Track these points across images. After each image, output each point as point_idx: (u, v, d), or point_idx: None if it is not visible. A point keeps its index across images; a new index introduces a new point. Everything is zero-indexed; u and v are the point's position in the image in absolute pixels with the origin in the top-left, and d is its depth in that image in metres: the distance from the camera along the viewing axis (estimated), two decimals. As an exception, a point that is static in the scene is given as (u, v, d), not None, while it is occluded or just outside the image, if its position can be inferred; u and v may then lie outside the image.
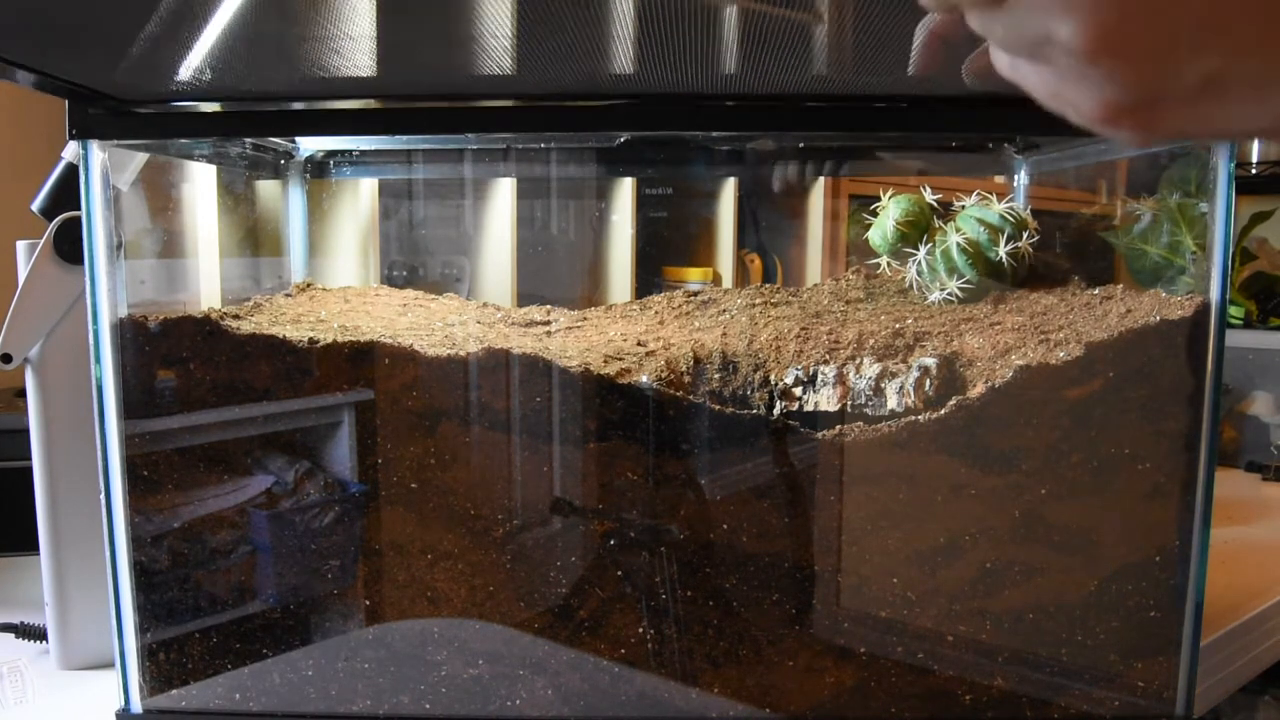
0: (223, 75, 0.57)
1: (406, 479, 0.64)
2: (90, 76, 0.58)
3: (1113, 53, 0.26)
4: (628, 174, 1.14)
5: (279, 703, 0.64)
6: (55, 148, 0.78)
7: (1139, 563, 0.64)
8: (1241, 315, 1.56)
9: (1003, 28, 0.28)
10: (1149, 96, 0.26)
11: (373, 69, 0.58)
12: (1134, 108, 0.27)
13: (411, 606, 0.65)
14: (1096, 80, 0.27)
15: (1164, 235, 0.82)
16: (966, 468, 0.63)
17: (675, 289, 0.85)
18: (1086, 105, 0.28)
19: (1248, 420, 1.44)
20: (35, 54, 0.54)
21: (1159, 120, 0.27)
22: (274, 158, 0.87)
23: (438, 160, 0.89)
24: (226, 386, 0.65)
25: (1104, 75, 0.26)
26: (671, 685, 0.63)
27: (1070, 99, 0.28)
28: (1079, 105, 0.28)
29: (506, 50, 0.54)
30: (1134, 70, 0.26)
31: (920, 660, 0.64)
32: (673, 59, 0.53)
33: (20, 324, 0.72)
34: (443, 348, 0.66)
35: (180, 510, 0.65)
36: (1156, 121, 0.27)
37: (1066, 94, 0.28)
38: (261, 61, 0.57)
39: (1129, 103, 0.27)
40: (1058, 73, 0.28)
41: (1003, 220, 0.75)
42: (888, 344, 0.68)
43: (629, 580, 0.64)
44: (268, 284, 0.91)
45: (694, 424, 0.66)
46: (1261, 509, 1.24)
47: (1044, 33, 0.27)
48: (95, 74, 0.58)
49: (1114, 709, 0.64)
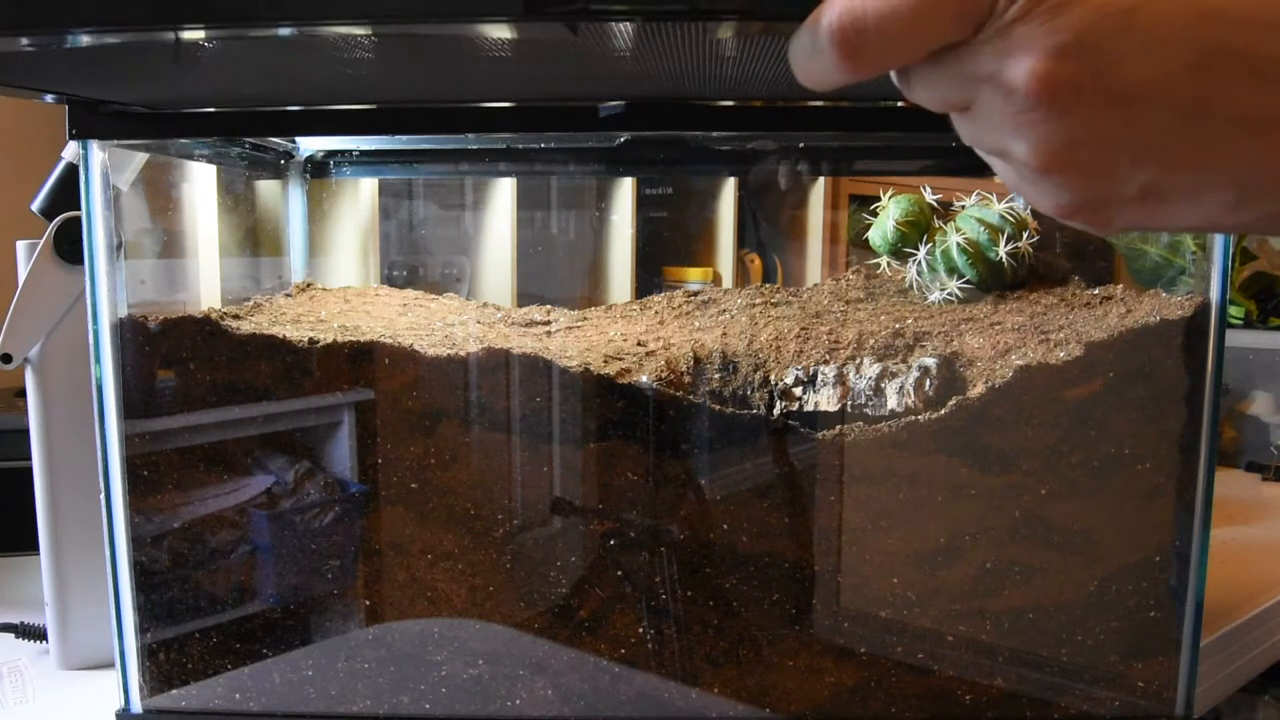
0: (225, 90, 0.57)
1: (406, 479, 0.64)
2: (99, 93, 0.58)
3: (1060, 170, 0.30)
4: (628, 174, 1.14)
5: (279, 703, 0.64)
6: (55, 148, 0.78)
7: (1139, 563, 0.64)
8: (1241, 315, 1.56)
9: (970, 132, 0.32)
10: (1095, 201, 0.30)
11: (374, 87, 0.58)
12: (1085, 209, 0.31)
13: (411, 606, 0.65)
14: (1050, 187, 0.31)
15: (1164, 235, 0.82)
16: (966, 468, 0.64)
17: (675, 289, 0.85)
18: (1046, 205, 0.32)
19: (1248, 420, 1.44)
20: (47, 81, 0.54)
21: (1108, 219, 0.31)
22: (274, 158, 0.87)
23: (438, 160, 0.89)
24: (226, 386, 0.65)
25: (1056, 185, 0.30)
26: (671, 685, 0.63)
27: (1032, 197, 0.32)
28: (1039, 203, 0.32)
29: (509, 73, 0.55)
30: (1080, 182, 0.30)
31: (920, 660, 0.64)
32: (673, 66, 0.53)
33: (20, 324, 0.72)
34: (443, 348, 0.66)
35: (180, 510, 0.65)
36: (1106, 220, 0.31)
37: (1028, 193, 0.32)
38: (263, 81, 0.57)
39: (1079, 205, 0.31)
40: (1019, 177, 0.32)
41: (1003, 220, 0.75)
42: (888, 344, 0.68)
43: (629, 580, 0.64)
44: (268, 284, 0.91)
45: (694, 424, 0.66)
46: (1261, 509, 1.24)
47: (1003, 146, 0.31)
48: (104, 92, 0.58)
49: (1114, 709, 0.64)
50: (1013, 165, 0.32)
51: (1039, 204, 0.32)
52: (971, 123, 0.32)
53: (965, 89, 0.31)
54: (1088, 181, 0.30)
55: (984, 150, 0.33)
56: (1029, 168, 0.31)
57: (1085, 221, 0.32)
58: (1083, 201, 0.31)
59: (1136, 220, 0.31)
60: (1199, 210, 0.30)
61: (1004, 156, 0.32)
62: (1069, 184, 0.30)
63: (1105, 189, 0.30)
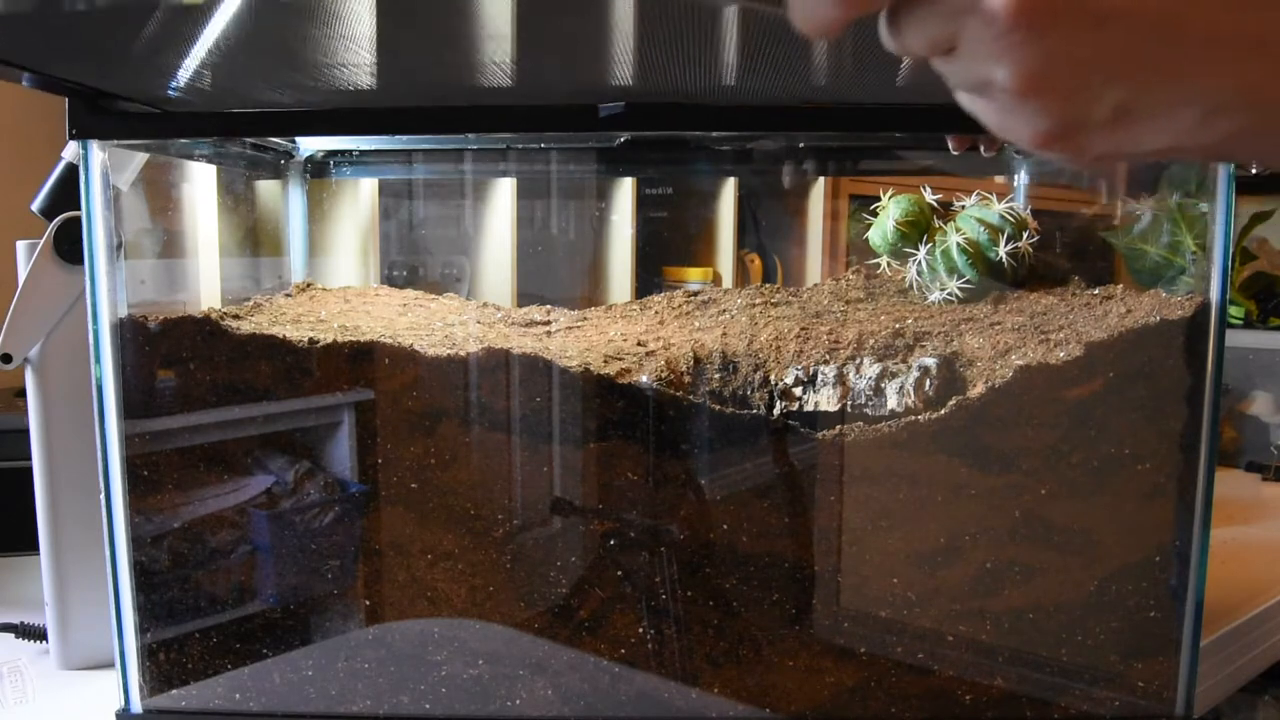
0: (224, 85, 0.57)
1: (406, 479, 0.64)
2: (95, 80, 0.58)
3: (1039, 92, 0.32)
4: (628, 174, 1.14)
5: (279, 703, 0.64)
6: (55, 148, 0.78)
7: (1139, 563, 0.64)
8: (1241, 315, 1.55)
9: (954, 72, 0.34)
10: (1073, 124, 0.32)
11: (373, 81, 0.58)
12: (1062, 134, 0.33)
13: (411, 606, 0.65)
14: (1029, 113, 0.33)
15: (1164, 235, 0.82)
16: (967, 468, 0.64)
17: (675, 289, 0.85)
18: (1025, 133, 0.34)
19: (1248, 420, 1.44)
20: (42, 60, 0.54)
21: (1085, 144, 0.33)
22: (274, 158, 0.87)
23: (438, 160, 0.89)
24: (226, 386, 0.65)
25: (1035, 109, 0.32)
26: (671, 685, 0.63)
27: (1012, 128, 0.34)
28: (1019, 133, 0.34)
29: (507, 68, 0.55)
30: (1058, 104, 0.32)
31: (920, 660, 0.64)
32: (673, 69, 0.53)
33: (20, 324, 0.72)
34: (443, 348, 0.66)
35: (180, 510, 0.65)
36: (1083, 145, 0.33)
37: (1008, 125, 0.34)
38: (263, 75, 0.57)
39: (1058, 130, 0.33)
40: (1001, 108, 0.34)
41: (1003, 220, 0.75)
42: (888, 344, 0.68)
43: (629, 580, 0.64)
44: (268, 284, 0.91)
45: (694, 424, 0.66)
46: (1261, 509, 1.24)
47: (986, 77, 0.33)
48: (99, 79, 0.58)
49: (1114, 709, 0.64)
50: (995, 98, 0.34)
51: (1019, 134, 0.34)
52: (956, 62, 0.34)
53: (947, 21, 0.33)
54: (1064, 103, 0.32)
55: (968, 89, 0.35)
56: (1010, 93, 0.32)
57: (1063, 149, 0.34)
58: (1060, 124, 0.33)
59: (1110, 145, 0.33)
60: (1169, 128, 0.32)
61: (986, 91, 0.34)
62: (1047, 106, 0.32)
63: (1081, 110, 0.32)
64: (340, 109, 0.64)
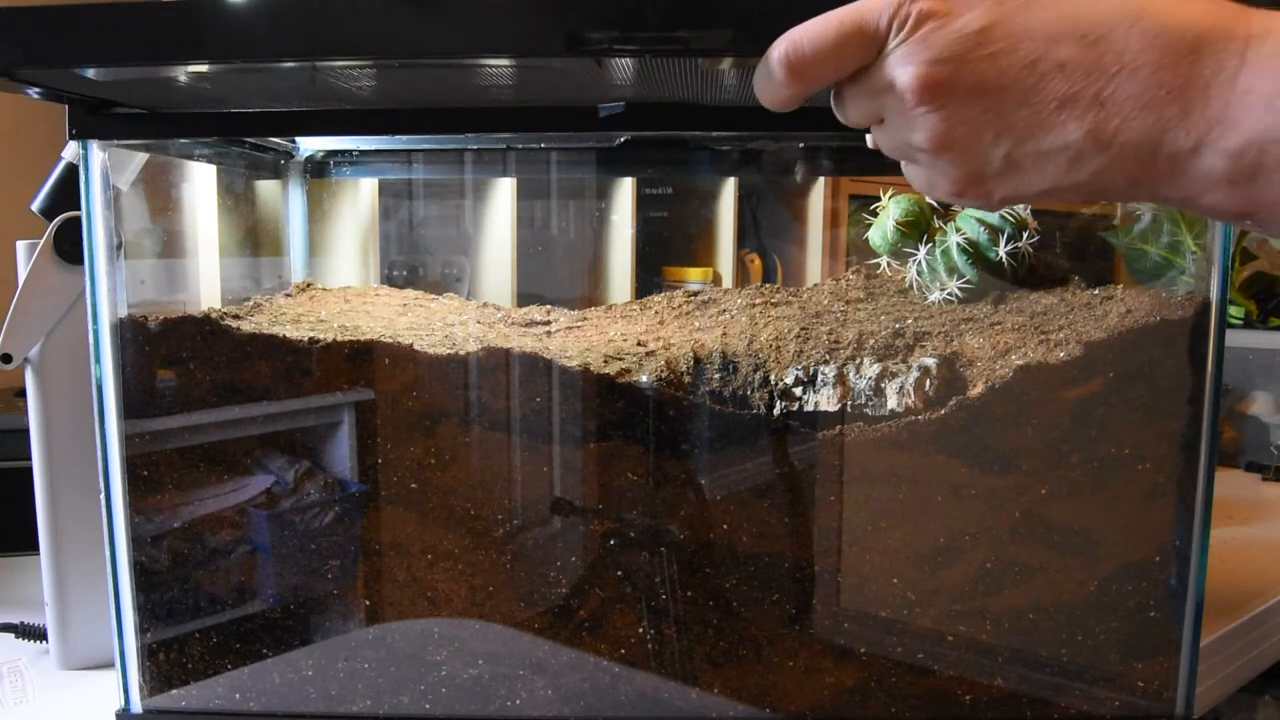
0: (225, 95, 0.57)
1: (406, 479, 0.64)
2: (98, 92, 0.58)
3: (944, 149, 0.41)
4: (628, 174, 1.14)
5: (279, 703, 0.64)
6: (55, 148, 0.78)
7: (1139, 563, 0.64)
8: (1241, 315, 1.55)
9: (885, 139, 0.44)
10: (976, 175, 0.41)
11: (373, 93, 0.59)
12: (969, 183, 0.42)
13: (411, 606, 0.65)
14: (942, 168, 0.42)
15: (1164, 235, 0.82)
16: (967, 468, 0.64)
17: (675, 289, 0.85)
18: (942, 185, 0.43)
19: (1248, 420, 1.44)
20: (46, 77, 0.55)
21: (989, 191, 0.42)
22: (274, 158, 0.86)
23: (438, 160, 0.89)
24: (226, 386, 0.65)
25: (945, 164, 0.42)
26: (671, 685, 0.63)
27: (932, 182, 0.43)
28: (938, 185, 0.43)
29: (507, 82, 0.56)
30: (961, 159, 0.41)
31: (920, 660, 0.64)
32: (673, 69, 0.53)
33: (20, 324, 0.72)
34: (443, 348, 0.66)
35: (180, 510, 0.65)
36: (987, 192, 0.42)
37: (929, 179, 0.43)
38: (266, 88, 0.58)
39: (965, 180, 0.42)
40: (921, 166, 0.43)
41: (1003, 220, 0.75)
42: (888, 344, 0.68)
43: (629, 580, 0.64)
44: (268, 284, 0.91)
45: (694, 424, 0.66)
46: (1261, 509, 1.24)
47: (907, 140, 0.42)
48: (103, 92, 0.58)
49: (1114, 709, 0.64)
50: (916, 158, 0.43)
51: (937, 187, 0.43)
52: (884, 131, 0.43)
53: (875, 100, 0.42)
54: (965, 158, 0.41)
55: (895, 153, 0.44)
56: (925, 153, 0.42)
57: (973, 195, 0.42)
58: (966, 175, 0.42)
59: (1008, 190, 0.42)
60: (1047, 172, 0.40)
61: (908, 153, 0.43)
62: (955, 160, 0.41)
63: (979, 163, 0.41)
64: (340, 109, 0.64)
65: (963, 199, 0.43)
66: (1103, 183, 0.40)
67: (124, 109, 0.61)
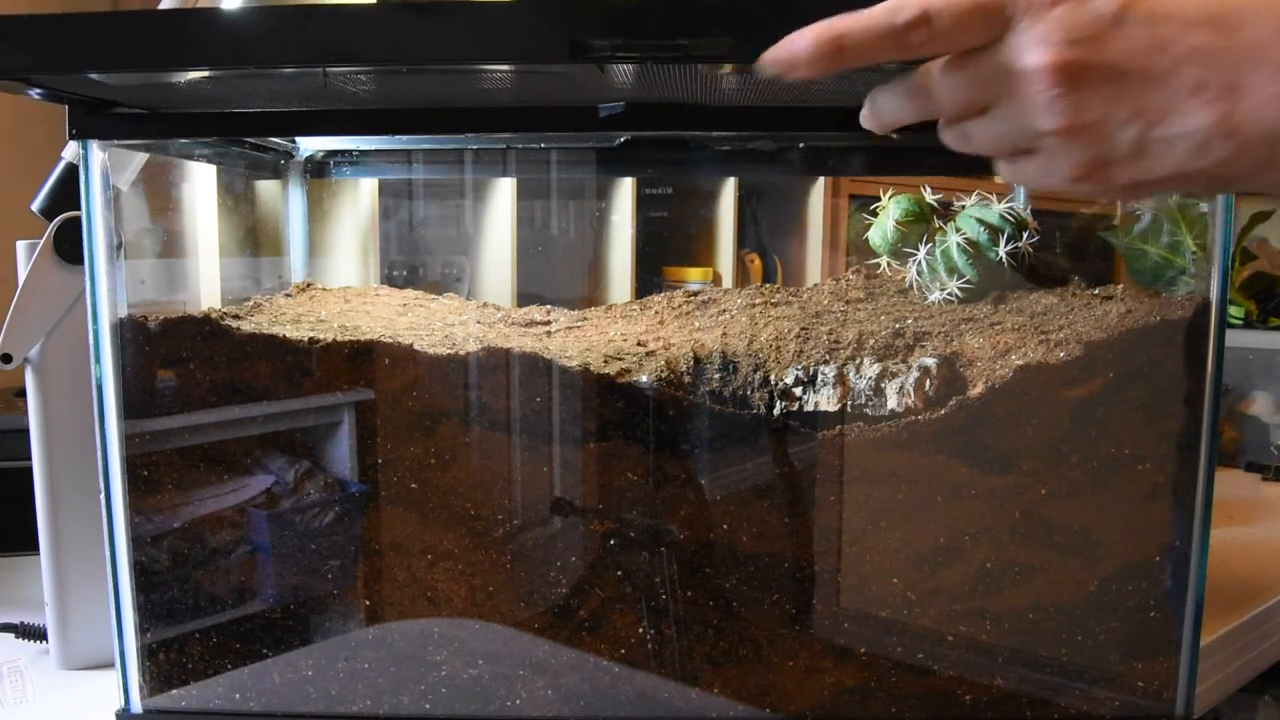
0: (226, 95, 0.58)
1: (406, 479, 0.64)
2: (100, 93, 0.58)
3: (1077, 133, 0.40)
4: (628, 174, 1.14)
5: (279, 703, 0.64)
6: (55, 148, 0.78)
7: (1139, 563, 0.64)
8: (1241, 315, 1.55)
9: (987, 128, 0.43)
10: (1103, 159, 0.41)
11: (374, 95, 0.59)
12: (1095, 167, 0.41)
13: (411, 606, 0.65)
14: (1071, 152, 0.41)
15: (1164, 235, 0.82)
16: (967, 468, 0.64)
17: (675, 289, 0.85)
18: (1063, 171, 0.42)
19: (1248, 420, 1.44)
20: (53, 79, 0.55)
21: (1110, 176, 0.42)
22: (274, 158, 0.87)
23: (438, 160, 0.89)
24: (226, 386, 0.65)
25: (1075, 148, 0.41)
26: (671, 685, 0.63)
27: (1051, 170, 0.42)
28: (1057, 173, 0.42)
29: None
30: (1092, 142, 0.41)
31: (920, 660, 0.64)
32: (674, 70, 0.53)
33: (20, 324, 0.72)
34: (443, 348, 0.66)
35: (180, 510, 0.65)
36: (1109, 177, 0.42)
37: (1049, 167, 0.42)
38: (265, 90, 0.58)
39: (1092, 164, 0.41)
40: (1041, 154, 0.42)
41: (1003, 220, 0.75)
42: (888, 344, 0.68)
43: (629, 580, 0.64)
44: (268, 284, 0.91)
45: (694, 424, 0.66)
46: (1261, 509, 1.24)
47: (1030, 129, 0.41)
48: (105, 93, 0.58)
49: (1114, 709, 0.64)
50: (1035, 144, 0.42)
51: (1055, 174, 0.42)
52: (988, 120, 0.43)
53: (985, 86, 0.42)
54: (1094, 141, 0.40)
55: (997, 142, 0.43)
56: (1053, 136, 0.41)
57: (1094, 182, 0.42)
58: (1092, 160, 0.41)
59: (1131, 176, 0.41)
60: (1172, 159, 0.40)
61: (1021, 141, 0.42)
62: (1084, 144, 0.41)
63: (1108, 147, 0.41)
64: (340, 109, 0.64)
65: (1081, 186, 0.42)
66: (1227, 170, 0.40)
67: (124, 109, 0.61)
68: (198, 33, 0.50)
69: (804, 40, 0.42)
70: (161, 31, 0.51)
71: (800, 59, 0.42)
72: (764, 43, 0.43)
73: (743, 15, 0.46)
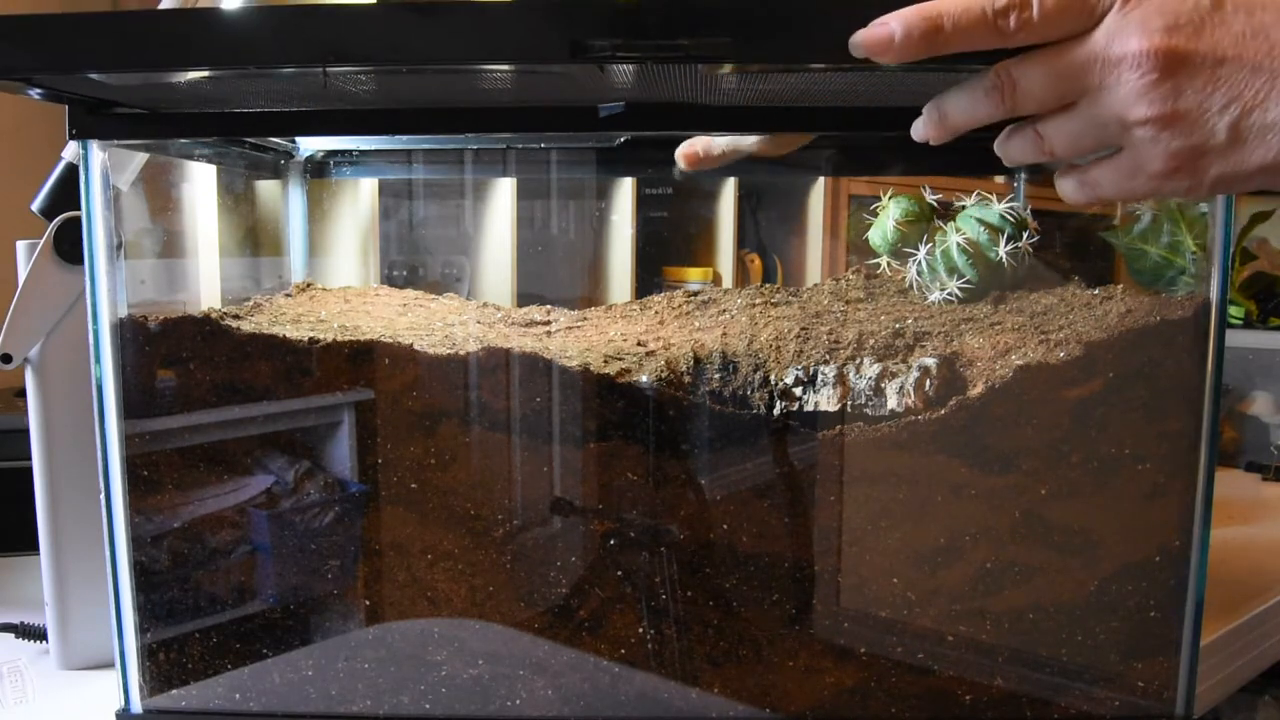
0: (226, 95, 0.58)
1: (406, 479, 0.64)
2: (100, 93, 0.58)
3: (1175, 120, 0.40)
4: (628, 174, 1.14)
5: (279, 703, 0.64)
6: (55, 148, 0.78)
7: (1139, 563, 0.64)
8: (1241, 315, 1.55)
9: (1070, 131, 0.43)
10: (1199, 148, 0.41)
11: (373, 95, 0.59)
12: (1187, 158, 0.41)
13: (411, 606, 0.65)
14: (1165, 142, 0.41)
15: (1164, 235, 0.82)
16: (967, 468, 0.64)
17: (675, 289, 0.85)
18: (1155, 164, 0.42)
19: (1248, 420, 1.44)
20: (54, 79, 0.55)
21: (1203, 166, 0.41)
22: (274, 158, 0.87)
23: (438, 160, 0.89)
24: (226, 386, 0.65)
25: (1172, 135, 0.41)
26: (671, 685, 0.63)
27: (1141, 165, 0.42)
28: (1149, 167, 0.42)
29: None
30: (1190, 129, 0.40)
31: (920, 660, 0.64)
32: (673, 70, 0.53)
33: (20, 324, 0.72)
34: (443, 348, 0.66)
35: (180, 510, 0.65)
36: (1202, 168, 0.41)
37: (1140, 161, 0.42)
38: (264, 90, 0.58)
39: (1183, 154, 0.41)
40: (1132, 147, 0.42)
41: (1003, 220, 0.75)
42: (888, 344, 0.68)
43: (629, 580, 0.64)
44: (268, 284, 0.91)
45: (694, 424, 0.66)
46: (1261, 509, 1.24)
47: (1119, 120, 0.41)
48: (105, 93, 0.58)
49: (1114, 709, 0.64)
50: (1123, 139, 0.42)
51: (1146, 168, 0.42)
52: (1070, 116, 0.42)
53: (1072, 79, 0.41)
54: (1190, 130, 0.40)
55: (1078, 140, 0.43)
56: (1147, 126, 0.41)
57: (1185, 175, 0.42)
58: (1187, 150, 0.41)
59: (1224, 168, 0.41)
60: (1266, 148, 0.40)
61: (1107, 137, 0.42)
62: (1179, 133, 0.40)
63: (1204, 136, 0.40)
64: (340, 109, 0.64)
65: (1171, 181, 0.42)
66: None
67: (124, 109, 0.61)
68: (198, 33, 0.50)
69: (898, 22, 0.41)
70: (161, 31, 0.51)
71: (894, 42, 0.41)
72: (763, 42, 0.43)
73: (743, 15, 0.46)
